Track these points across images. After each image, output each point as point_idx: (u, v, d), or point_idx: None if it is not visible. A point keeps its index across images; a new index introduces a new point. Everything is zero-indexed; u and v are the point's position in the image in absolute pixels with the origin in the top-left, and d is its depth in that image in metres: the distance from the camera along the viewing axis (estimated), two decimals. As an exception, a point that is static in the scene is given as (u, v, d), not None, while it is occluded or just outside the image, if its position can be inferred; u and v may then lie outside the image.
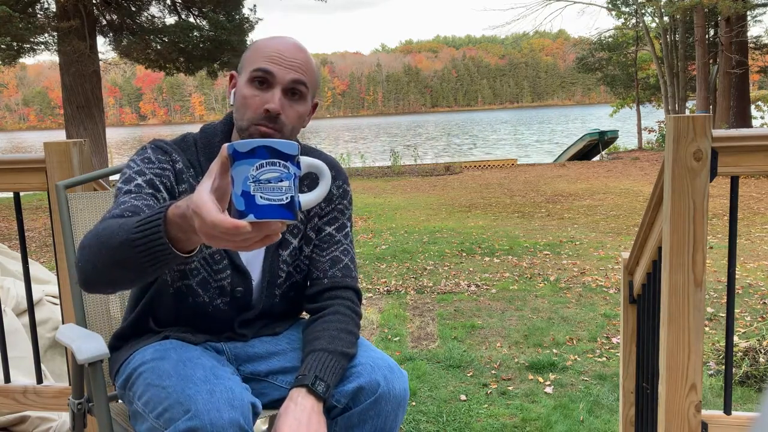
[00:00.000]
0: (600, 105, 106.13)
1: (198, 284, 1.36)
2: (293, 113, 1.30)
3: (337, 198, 1.45)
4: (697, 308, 1.50)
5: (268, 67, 1.27)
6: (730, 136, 1.48)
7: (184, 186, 1.32)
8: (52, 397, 1.97)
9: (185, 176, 1.33)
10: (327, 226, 1.44)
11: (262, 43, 1.32)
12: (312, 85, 1.33)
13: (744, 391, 2.87)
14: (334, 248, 1.44)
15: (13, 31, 10.11)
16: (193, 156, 1.36)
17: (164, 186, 1.29)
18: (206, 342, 1.40)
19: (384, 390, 1.29)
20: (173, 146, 1.36)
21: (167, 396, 1.14)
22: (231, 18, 12.56)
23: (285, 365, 1.39)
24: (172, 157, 1.33)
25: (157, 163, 1.31)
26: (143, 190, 1.25)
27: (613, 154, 19.19)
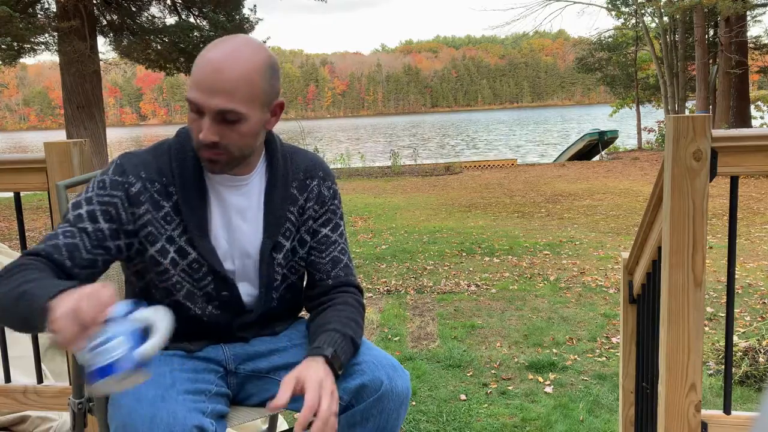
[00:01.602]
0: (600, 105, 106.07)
1: (185, 298, 1.35)
2: (234, 135, 1.25)
3: (329, 199, 1.45)
4: (696, 308, 1.50)
5: (192, 97, 1.22)
6: (729, 136, 1.48)
7: (143, 207, 1.29)
8: (53, 397, 1.97)
9: (144, 197, 1.29)
10: (322, 227, 1.44)
11: (197, 60, 1.24)
12: (251, 102, 1.24)
13: (744, 390, 2.87)
14: (332, 249, 1.44)
15: (14, 31, 10.11)
16: (165, 164, 1.32)
17: (105, 217, 1.28)
18: (206, 347, 1.40)
19: (387, 388, 1.30)
20: (138, 164, 1.31)
21: (119, 415, 1.20)
22: (231, 18, 12.55)
23: (287, 361, 1.40)
24: (128, 179, 1.29)
25: (108, 188, 1.29)
26: (80, 222, 1.27)
27: (612, 154, 19.19)
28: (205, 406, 1.24)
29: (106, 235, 1.28)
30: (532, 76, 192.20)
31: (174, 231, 1.31)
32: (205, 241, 1.32)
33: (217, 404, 1.28)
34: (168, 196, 1.31)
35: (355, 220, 8.38)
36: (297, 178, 1.42)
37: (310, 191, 1.42)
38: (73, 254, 1.26)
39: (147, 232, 1.31)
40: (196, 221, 1.31)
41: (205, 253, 1.32)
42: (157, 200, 1.30)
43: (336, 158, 17.18)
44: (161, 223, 1.31)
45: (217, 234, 1.35)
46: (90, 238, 1.27)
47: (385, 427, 1.32)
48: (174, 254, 1.32)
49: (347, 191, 11.86)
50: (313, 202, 1.42)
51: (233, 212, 1.36)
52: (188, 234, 1.31)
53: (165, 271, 1.33)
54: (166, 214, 1.31)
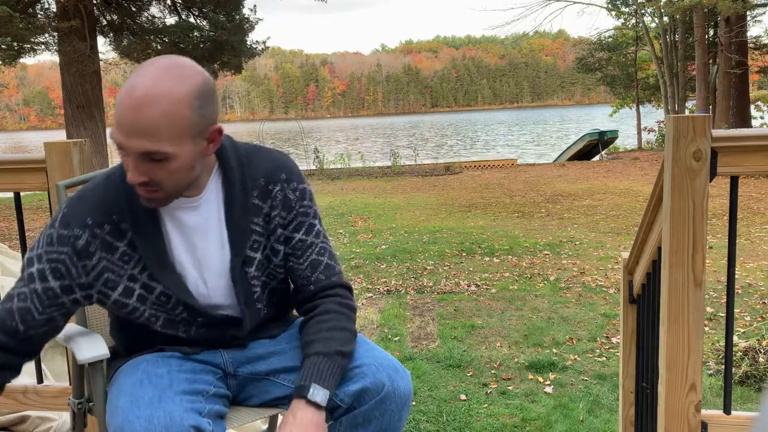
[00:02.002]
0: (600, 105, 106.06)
1: (164, 327, 1.34)
2: (164, 173, 1.18)
3: (296, 202, 1.35)
4: (696, 308, 1.50)
5: (114, 137, 1.15)
6: (729, 136, 1.48)
7: (94, 258, 1.26)
8: (53, 397, 1.97)
9: (93, 246, 1.25)
10: (295, 233, 1.36)
11: (118, 94, 1.15)
12: (177, 138, 1.15)
13: (744, 390, 2.87)
14: (309, 252, 1.37)
15: (14, 31, 10.11)
16: (113, 200, 1.26)
17: (55, 275, 1.26)
18: (203, 351, 1.40)
19: (389, 390, 1.30)
20: (82, 211, 1.25)
21: (116, 417, 1.20)
22: (231, 18, 12.55)
23: (286, 364, 1.40)
24: (74, 232, 1.24)
25: (56, 244, 1.25)
26: (32, 282, 1.27)
27: (612, 154, 19.19)
28: (202, 407, 1.24)
29: (57, 293, 1.27)
30: (532, 76, 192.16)
31: (134, 269, 1.28)
32: (167, 273, 1.28)
33: (215, 405, 1.28)
34: (121, 235, 1.26)
35: (355, 220, 8.38)
36: (257, 185, 1.32)
37: (274, 198, 1.33)
38: (25, 318, 1.27)
39: (104, 279, 1.28)
40: (154, 255, 1.26)
41: (170, 285, 1.28)
42: (109, 243, 1.26)
43: (336, 158, 17.18)
44: (118, 264, 1.27)
45: (181, 260, 1.30)
46: (41, 298, 1.27)
47: (387, 429, 1.32)
48: (140, 290, 1.29)
49: (347, 191, 11.86)
50: (279, 209, 1.34)
51: (194, 234, 1.30)
52: (149, 269, 1.27)
53: (134, 309, 1.31)
54: (122, 254, 1.27)
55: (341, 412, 1.31)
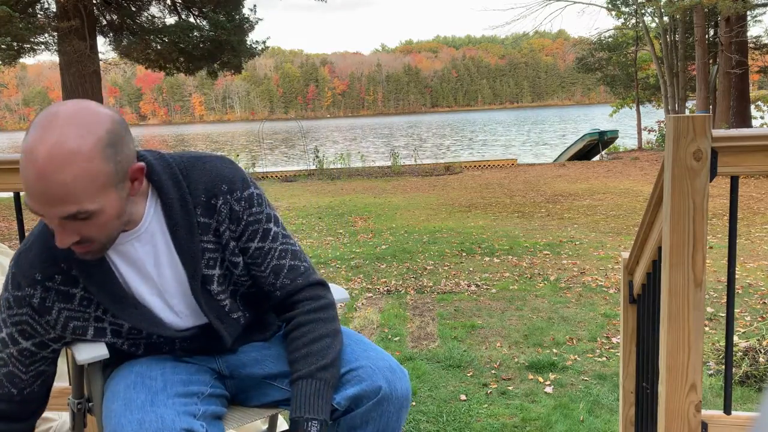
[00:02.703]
0: (600, 105, 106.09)
1: (147, 351, 1.34)
2: (93, 228, 1.11)
3: (243, 212, 1.27)
4: (697, 308, 1.50)
5: (30, 206, 1.06)
6: (730, 136, 1.48)
7: (54, 311, 1.23)
8: (53, 397, 1.95)
9: (49, 300, 1.22)
10: (250, 242, 1.29)
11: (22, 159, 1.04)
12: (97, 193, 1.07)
13: (744, 391, 2.87)
14: (269, 259, 1.31)
15: (14, 31, 10.11)
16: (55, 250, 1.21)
17: (24, 336, 1.26)
18: (196, 356, 1.39)
19: (386, 392, 1.29)
20: (28, 268, 1.21)
21: (109, 420, 1.21)
22: (231, 18, 12.55)
23: (282, 369, 1.39)
24: (26, 291, 1.21)
25: (14, 307, 1.23)
26: (6, 348, 1.27)
27: (612, 154, 19.19)
28: (196, 409, 1.24)
29: (34, 351, 1.28)
30: (532, 76, 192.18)
31: (97, 311, 1.26)
32: (129, 310, 1.25)
33: (211, 405, 1.28)
34: (75, 281, 1.22)
35: (355, 220, 8.38)
36: (199, 202, 1.24)
37: (219, 212, 1.26)
38: (13, 381, 1.28)
39: (72, 328, 1.26)
40: (110, 297, 1.23)
41: (135, 322, 1.26)
42: (65, 292, 1.23)
43: (336, 158, 17.19)
44: (80, 310, 1.25)
45: (140, 293, 1.26)
46: (20, 360, 1.28)
47: (386, 430, 1.31)
48: (111, 327, 1.29)
49: (347, 191, 11.87)
50: (226, 223, 1.26)
51: (145, 264, 1.25)
52: (109, 311, 1.26)
53: (113, 344, 1.31)
54: (81, 298, 1.24)
55: (339, 414, 1.31)
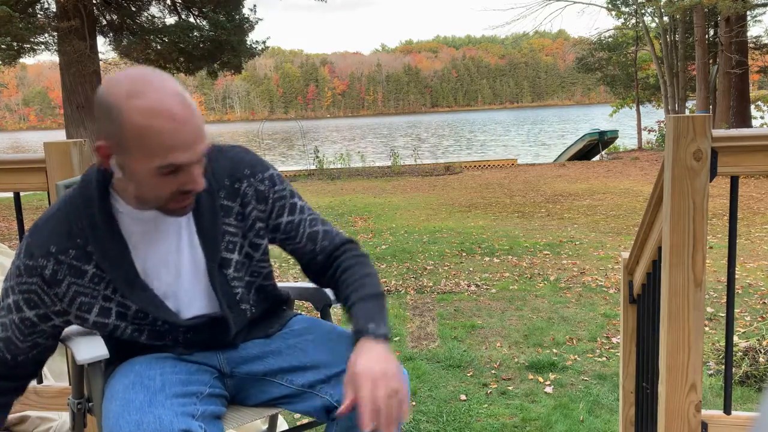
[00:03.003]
0: (600, 105, 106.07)
1: (149, 338, 1.33)
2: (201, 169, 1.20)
3: (269, 190, 1.35)
4: (697, 308, 1.50)
5: (176, 161, 1.12)
6: (730, 136, 1.48)
7: (63, 284, 1.24)
8: (52, 397, 1.97)
9: (61, 273, 1.24)
10: (280, 218, 1.36)
11: (146, 128, 1.09)
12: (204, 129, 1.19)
13: (744, 391, 2.87)
14: (302, 229, 1.38)
15: (13, 31, 10.11)
16: (75, 224, 1.23)
17: (29, 305, 1.26)
18: (197, 353, 1.39)
19: None
20: (44, 239, 1.23)
21: (107, 421, 1.21)
22: (231, 18, 12.55)
23: (282, 365, 1.39)
24: (38, 262, 1.23)
25: (24, 276, 1.25)
26: (9, 313, 1.28)
27: (613, 154, 19.19)
28: (195, 409, 1.23)
29: (35, 322, 1.28)
30: (532, 76, 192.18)
31: (106, 290, 1.26)
32: (138, 293, 1.26)
33: (210, 405, 1.28)
34: (88, 258, 1.24)
35: (355, 220, 8.38)
36: (223, 186, 1.31)
37: (244, 195, 1.32)
38: (9, 347, 1.30)
39: (78, 303, 1.27)
40: (121, 276, 1.24)
41: (143, 305, 1.27)
42: (77, 267, 1.24)
43: (336, 158, 17.19)
44: (90, 287, 1.26)
45: (153, 276, 1.28)
46: (20, 328, 1.29)
47: None
48: (117, 308, 1.28)
49: (347, 191, 11.87)
50: (253, 204, 1.33)
51: (163, 245, 1.28)
52: (119, 291, 1.26)
53: (115, 327, 1.30)
54: (92, 276, 1.25)
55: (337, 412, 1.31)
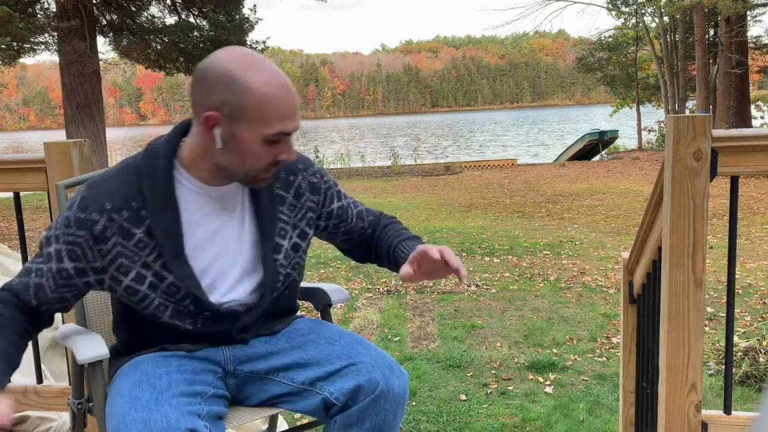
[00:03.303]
0: (600, 105, 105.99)
1: (172, 317, 1.33)
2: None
3: (319, 181, 1.46)
4: (697, 308, 1.50)
5: (287, 129, 1.23)
6: (730, 136, 1.48)
7: (110, 242, 1.26)
8: (52, 397, 1.97)
9: (110, 231, 1.26)
10: (331, 204, 1.49)
11: (266, 97, 1.20)
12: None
13: (744, 391, 2.87)
14: (350, 211, 1.52)
15: (13, 31, 10.11)
16: (134, 187, 1.28)
17: (71, 257, 1.28)
18: (205, 348, 1.40)
19: (383, 389, 1.30)
20: (101, 195, 1.27)
21: (113, 419, 1.21)
22: (231, 18, 12.54)
23: (285, 362, 1.40)
24: (91, 217, 1.26)
25: (73, 227, 1.26)
26: (48, 261, 1.30)
27: (613, 154, 19.20)
28: (200, 409, 1.24)
29: (71, 275, 1.29)
30: (532, 76, 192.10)
31: (149, 256, 1.28)
32: (180, 264, 1.29)
33: (214, 406, 1.28)
34: (140, 222, 1.27)
35: (355, 220, 8.38)
36: (279, 177, 1.40)
37: (297, 187, 1.42)
38: (38, 294, 1.30)
39: (118, 264, 1.28)
40: (170, 244, 1.28)
41: (181, 277, 1.29)
42: (126, 229, 1.27)
43: (335, 158, 17.19)
44: (133, 251, 1.28)
45: (201, 250, 1.32)
46: (55, 278, 1.29)
47: (382, 428, 1.32)
48: (152, 278, 1.29)
49: (347, 191, 11.84)
50: (306, 195, 1.43)
51: (215, 223, 1.33)
52: (163, 258, 1.28)
53: (144, 297, 1.31)
54: (139, 240, 1.28)
55: (336, 410, 1.32)
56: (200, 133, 1.24)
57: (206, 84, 1.20)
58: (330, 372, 1.34)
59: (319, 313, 1.66)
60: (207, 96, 1.20)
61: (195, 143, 1.28)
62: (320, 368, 1.36)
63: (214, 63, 1.21)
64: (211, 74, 1.20)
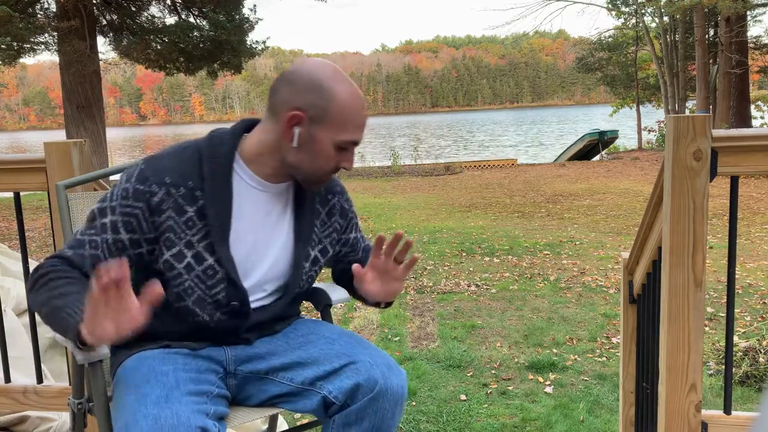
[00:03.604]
0: (600, 105, 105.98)
1: (194, 303, 1.34)
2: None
3: (348, 210, 1.55)
4: (697, 308, 1.50)
5: (357, 138, 1.33)
6: (730, 136, 1.48)
7: (164, 215, 1.29)
8: (53, 397, 1.97)
9: (166, 204, 1.29)
10: (350, 233, 1.57)
11: (347, 106, 1.29)
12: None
13: (744, 391, 2.87)
14: (360, 245, 1.60)
15: (13, 31, 10.10)
16: (193, 168, 1.32)
17: (127, 228, 1.29)
18: (208, 347, 1.40)
19: (382, 387, 1.30)
20: (161, 170, 1.31)
21: (123, 415, 1.20)
22: (231, 18, 12.54)
23: (284, 362, 1.41)
24: (150, 189, 1.29)
25: (131, 199, 1.29)
26: (104, 232, 1.30)
27: (613, 154, 19.20)
28: (207, 408, 1.24)
29: (126, 246, 1.30)
30: (532, 76, 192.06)
31: (194, 236, 1.31)
32: (224, 248, 1.33)
33: (218, 406, 1.29)
34: (193, 201, 1.30)
35: (355, 220, 8.38)
36: (319, 193, 1.47)
37: (332, 206, 1.50)
38: (93, 265, 1.29)
39: (165, 238, 1.31)
40: (219, 227, 1.31)
41: (224, 260, 1.32)
42: (180, 205, 1.30)
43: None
44: (182, 228, 1.30)
45: (243, 238, 1.36)
46: (110, 249, 1.30)
47: (381, 427, 1.32)
48: (190, 259, 1.31)
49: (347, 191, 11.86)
50: (336, 216, 1.51)
51: (259, 217, 1.38)
52: (209, 239, 1.31)
53: (178, 275, 1.32)
54: (189, 219, 1.30)
55: (335, 409, 1.32)
56: (274, 131, 1.31)
57: (295, 86, 1.28)
58: (329, 371, 1.35)
59: (319, 313, 1.66)
60: (294, 97, 1.28)
61: (264, 139, 1.33)
62: (319, 368, 1.36)
63: (304, 68, 1.30)
64: (301, 78, 1.29)
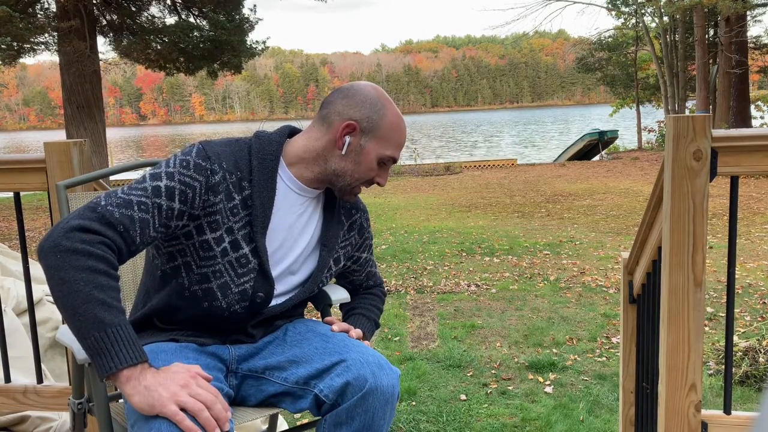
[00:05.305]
0: (600, 105, 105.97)
1: (219, 287, 1.35)
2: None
3: (366, 229, 1.62)
4: (697, 308, 1.50)
5: (396, 156, 1.45)
6: (730, 136, 1.48)
7: (218, 197, 1.32)
8: (53, 397, 1.97)
9: (222, 186, 1.32)
10: (362, 252, 1.63)
11: (395, 125, 1.43)
12: None
13: (744, 390, 2.87)
14: (367, 266, 1.68)
15: (13, 31, 10.10)
16: (244, 159, 1.37)
17: (181, 198, 1.28)
18: (213, 344, 1.41)
19: (371, 386, 1.30)
20: (219, 153, 1.35)
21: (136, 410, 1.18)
22: (231, 18, 12.54)
23: (280, 360, 1.41)
24: (212, 167, 1.32)
25: (192, 170, 1.30)
26: (157, 196, 1.25)
27: (612, 154, 19.20)
28: None
29: (174, 215, 1.28)
30: (532, 76, 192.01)
31: (236, 223, 1.35)
32: (262, 240, 1.37)
33: None
34: (240, 190, 1.35)
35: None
36: (344, 207, 1.56)
37: (354, 221, 1.57)
38: (143, 230, 1.24)
39: (213, 219, 1.33)
40: (261, 218, 1.36)
41: (260, 250, 1.37)
42: (230, 191, 1.34)
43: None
44: (227, 213, 1.34)
45: (277, 234, 1.41)
46: (161, 215, 1.26)
47: (371, 426, 1.31)
48: (227, 245, 1.34)
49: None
50: (355, 232, 1.58)
51: (293, 217, 1.44)
52: (250, 228, 1.35)
53: (212, 257, 1.33)
54: (234, 206, 1.34)
55: (326, 408, 1.32)
56: (323, 138, 1.41)
57: (354, 99, 1.41)
58: (321, 369, 1.35)
59: (319, 313, 1.66)
60: (350, 109, 1.40)
61: (310, 145, 1.42)
62: (312, 366, 1.37)
63: (362, 86, 1.44)
64: (358, 93, 1.42)
